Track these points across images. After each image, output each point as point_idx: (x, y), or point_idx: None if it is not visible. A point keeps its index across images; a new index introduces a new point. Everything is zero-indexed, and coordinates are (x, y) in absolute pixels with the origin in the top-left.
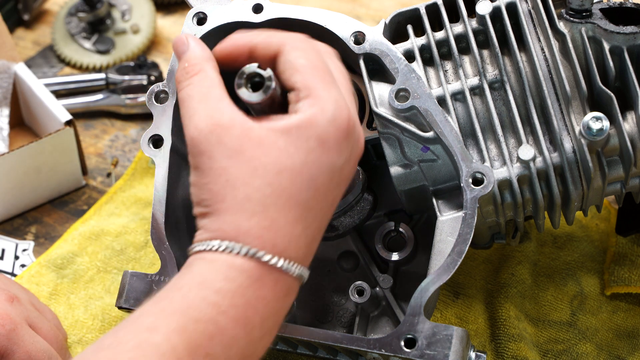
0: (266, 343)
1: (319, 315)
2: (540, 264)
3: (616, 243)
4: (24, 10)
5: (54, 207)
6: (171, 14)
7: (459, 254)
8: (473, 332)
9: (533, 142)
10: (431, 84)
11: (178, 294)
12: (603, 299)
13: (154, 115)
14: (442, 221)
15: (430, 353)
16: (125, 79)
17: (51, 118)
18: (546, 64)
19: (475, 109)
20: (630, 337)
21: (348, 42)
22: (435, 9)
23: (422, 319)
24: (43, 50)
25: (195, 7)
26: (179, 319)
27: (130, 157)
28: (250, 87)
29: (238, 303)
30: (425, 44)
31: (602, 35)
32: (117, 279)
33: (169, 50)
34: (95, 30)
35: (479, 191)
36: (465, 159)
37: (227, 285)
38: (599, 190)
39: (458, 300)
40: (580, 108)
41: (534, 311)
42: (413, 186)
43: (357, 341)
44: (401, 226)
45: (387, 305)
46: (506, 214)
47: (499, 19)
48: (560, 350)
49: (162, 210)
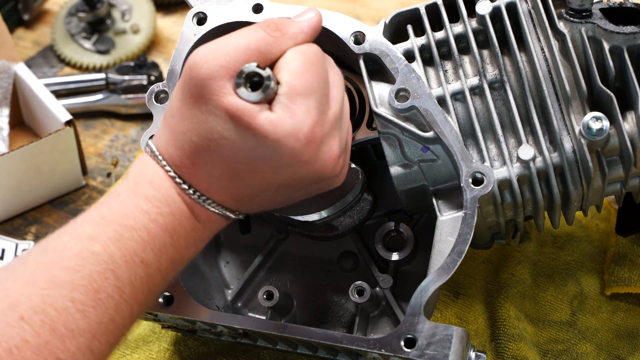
0: (191, 254)
1: (319, 315)
2: (540, 264)
3: (616, 243)
4: (24, 10)
5: (54, 207)
6: (171, 14)
7: (459, 254)
8: (473, 332)
9: (533, 142)
10: (431, 84)
11: (116, 201)
12: (603, 299)
13: (154, 115)
14: (442, 221)
15: (430, 353)
16: (125, 79)
17: (51, 118)
18: (546, 64)
19: (475, 109)
20: (630, 337)
21: (348, 42)
22: (435, 9)
23: (422, 319)
24: (43, 50)
25: (195, 7)
26: (116, 227)
27: (130, 157)
28: (250, 87)
29: (165, 212)
30: (425, 44)
31: (602, 35)
32: None
33: (169, 50)
34: (95, 30)
35: (479, 191)
36: (465, 159)
37: (155, 194)
38: (599, 190)
39: (458, 300)
40: (580, 108)
41: (534, 311)
42: (413, 186)
43: (357, 341)
44: (401, 226)
45: (387, 305)
46: (506, 214)
47: (499, 18)
48: (560, 350)
49: None
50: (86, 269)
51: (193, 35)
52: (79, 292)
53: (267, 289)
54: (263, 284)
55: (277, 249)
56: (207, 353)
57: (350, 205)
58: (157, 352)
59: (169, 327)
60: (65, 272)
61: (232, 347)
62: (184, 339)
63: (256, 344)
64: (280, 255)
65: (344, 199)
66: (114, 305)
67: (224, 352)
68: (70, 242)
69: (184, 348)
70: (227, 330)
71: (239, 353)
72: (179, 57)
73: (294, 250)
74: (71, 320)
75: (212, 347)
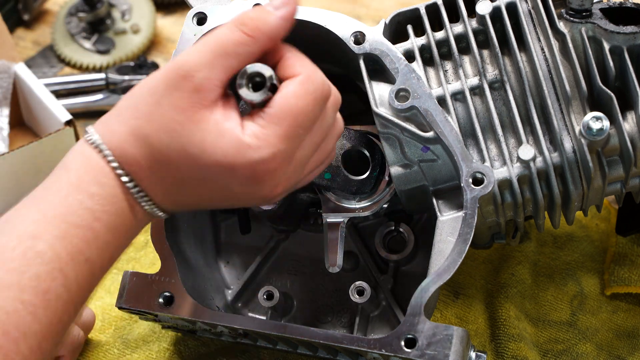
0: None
1: (319, 315)
2: (540, 264)
3: (616, 243)
4: (24, 10)
5: None
6: (171, 14)
7: (459, 254)
8: (473, 332)
9: (533, 142)
10: (431, 84)
11: (57, 197)
12: (603, 299)
13: None
14: (442, 221)
15: (430, 353)
16: (125, 79)
17: (51, 118)
18: (546, 64)
19: (475, 109)
20: (630, 337)
21: (348, 42)
22: (435, 9)
23: (423, 319)
24: (43, 50)
25: (195, 7)
26: (60, 225)
27: None
28: (251, 87)
29: (109, 210)
30: (425, 44)
31: (602, 35)
32: (117, 279)
33: (169, 50)
34: (95, 30)
35: (479, 191)
36: (465, 159)
37: (99, 191)
38: (599, 190)
39: (458, 300)
40: (580, 108)
41: (534, 311)
42: (413, 186)
43: (358, 341)
44: (401, 226)
45: (387, 305)
46: (506, 214)
47: (499, 18)
48: (560, 350)
49: None
50: (33, 269)
51: (193, 35)
52: (28, 293)
53: (267, 289)
54: (263, 284)
55: (277, 249)
56: (207, 353)
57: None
58: (157, 352)
59: (169, 327)
60: (10, 274)
61: (232, 347)
62: (184, 339)
63: (256, 344)
64: (280, 256)
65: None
66: (63, 305)
67: (224, 352)
68: (10, 242)
69: (184, 348)
70: (227, 330)
71: (239, 353)
72: None
73: (294, 251)
74: (22, 323)
75: (212, 347)
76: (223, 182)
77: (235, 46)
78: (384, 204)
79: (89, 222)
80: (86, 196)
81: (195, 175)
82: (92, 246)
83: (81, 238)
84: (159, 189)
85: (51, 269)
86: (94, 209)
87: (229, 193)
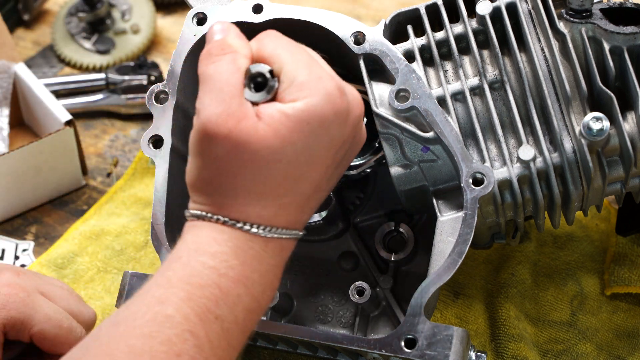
0: (269, 296)
1: (319, 316)
2: (540, 264)
3: (616, 243)
4: (24, 10)
5: (54, 207)
6: (171, 14)
7: (459, 254)
8: (473, 332)
9: (533, 142)
10: (431, 84)
11: (178, 263)
12: (603, 299)
13: (154, 115)
14: (442, 221)
15: (430, 353)
16: (125, 79)
17: (51, 118)
18: (546, 64)
19: (475, 109)
20: (630, 337)
21: (348, 42)
22: (435, 9)
23: (423, 319)
24: (43, 50)
25: (195, 7)
26: (185, 287)
27: (130, 157)
28: (253, 87)
29: (234, 264)
30: (425, 44)
31: (602, 35)
32: (117, 279)
33: (169, 50)
34: (95, 30)
35: (479, 191)
36: (465, 159)
37: (220, 249)
38: (599, 190)
39: (458, 300)
40: (580, 108)
41: (534, 311)
42: (413, 186)
43: (358, 341)
44: (401, 226)
45: (387, 305)
46: (506, 214)
47: (499, 19)
48: (560, 350)
49: (162, 211)
50: (163, 333)
51: (193, 36)
52: (160, 358)
53: None
54: None
55: None
56: None
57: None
58: None
59: None
60: (141, 340)
61: None
62: None
63: (256, 344)
64: None
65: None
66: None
67: None
68: (140, 310)
69: None
70: None
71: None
72: (178, 57)
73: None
74: None
75: None
76: (323, 140)
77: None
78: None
79: (214, 280)
80: (208, 257)
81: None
82: (221, 303)
83: (208, 297)
84: (265, 211)
85: (181, 331)
86: (217, 267)
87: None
